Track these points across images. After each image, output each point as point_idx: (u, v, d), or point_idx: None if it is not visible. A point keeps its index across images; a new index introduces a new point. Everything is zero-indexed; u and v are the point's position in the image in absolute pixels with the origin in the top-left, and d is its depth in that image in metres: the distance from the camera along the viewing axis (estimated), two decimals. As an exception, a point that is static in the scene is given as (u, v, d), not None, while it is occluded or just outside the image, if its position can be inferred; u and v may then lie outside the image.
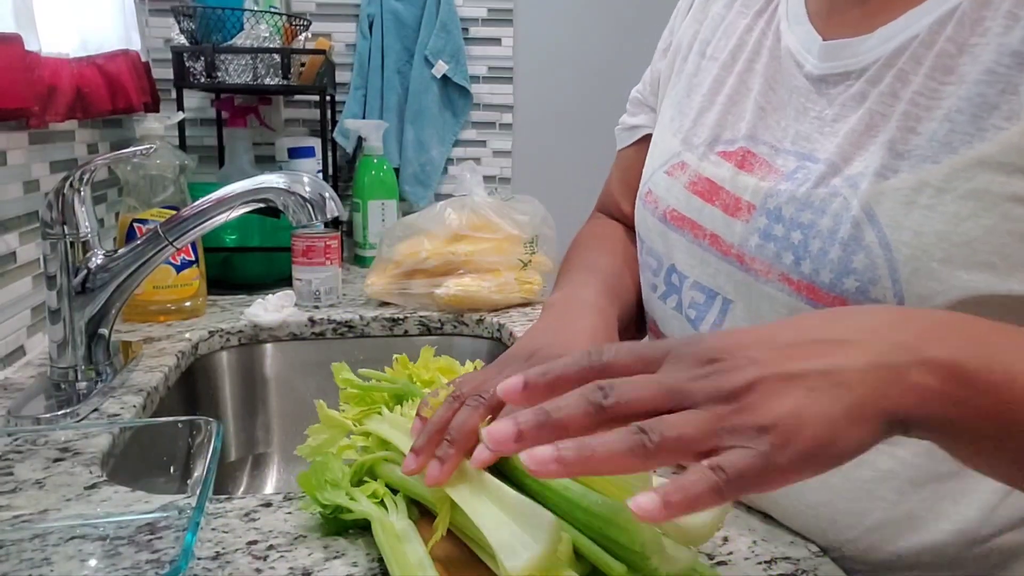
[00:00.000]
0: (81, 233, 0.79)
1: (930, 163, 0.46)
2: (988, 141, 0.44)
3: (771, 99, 0.58)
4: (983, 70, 0.45)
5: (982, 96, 0.45)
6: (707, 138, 0.61)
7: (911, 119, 0.48)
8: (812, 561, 0.52)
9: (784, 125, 0.56)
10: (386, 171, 1.46)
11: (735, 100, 0.60)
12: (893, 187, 0.47)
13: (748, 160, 0.57)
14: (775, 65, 0.58)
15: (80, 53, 1.03)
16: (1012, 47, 0.44)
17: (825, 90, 0.54)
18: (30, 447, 0.68)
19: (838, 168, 0.51)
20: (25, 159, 0.94)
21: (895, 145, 0.48)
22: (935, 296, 0.45)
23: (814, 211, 0.51)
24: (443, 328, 1.13)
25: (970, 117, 0.45)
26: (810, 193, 0.51)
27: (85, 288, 0.80)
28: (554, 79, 1.74)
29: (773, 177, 0.55)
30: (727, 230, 0.57)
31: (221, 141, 1.52)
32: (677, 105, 0.66)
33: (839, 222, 0.49)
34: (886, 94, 0.50)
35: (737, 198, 0.56)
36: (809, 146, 0.54)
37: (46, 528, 0.55)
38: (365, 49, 1.63)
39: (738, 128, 0.59)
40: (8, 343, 0.88)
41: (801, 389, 0.34)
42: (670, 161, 0.64)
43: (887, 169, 0.48)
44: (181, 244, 0.81)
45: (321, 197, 0.77)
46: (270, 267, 1.27)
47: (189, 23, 1.30)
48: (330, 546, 0.53)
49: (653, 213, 0.64)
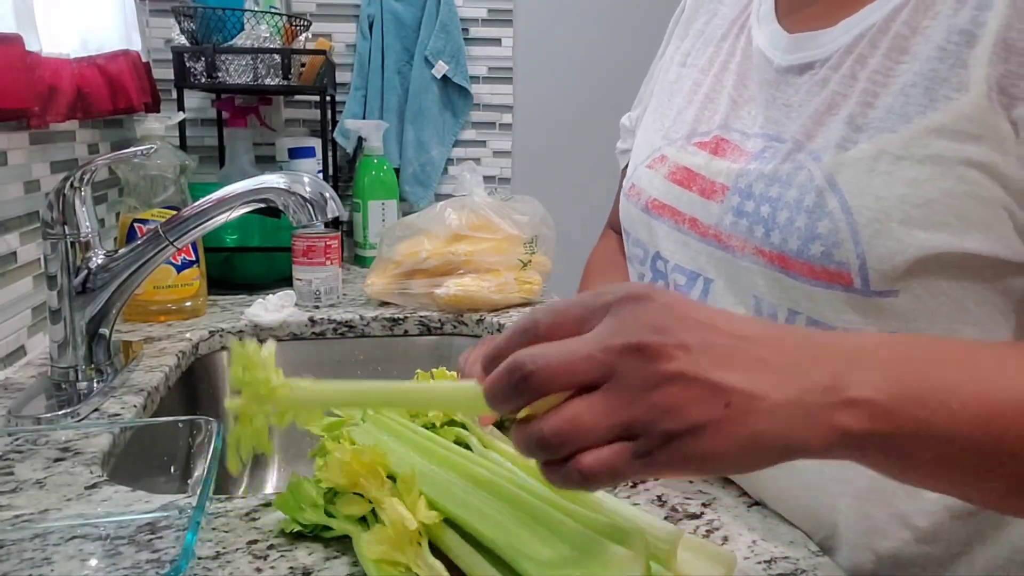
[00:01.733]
0: (82, 233, 0.79)
1: (887, 133, 0.49)
2: (940, 111, 0.47)
3: (743, 93, 0.62)
4: (934, 47, 0.49)
5: (934, 71, 0.48)
6: (685, 132, 0.65)
7: (868, 95, 0.51)
8: (812, 561, 0.52)
9: (755, 114, 0.60)
10: (386, 171, 1.46)
11: (711, 97, 0.65)
12: (853, 157, 0.50)
13: (721, 146, 0.61)
14: (747, 63, 0.63)
15: (80, 53, 1.03)
16: (960, 26, 0.48)
17: (792, 79, 0.58)
18: (30, 447, 0.68)
19: (802, 144, 0.54)
20: (26, 159, 0.94)
21: (854, 119, 0.51)
22: (895, 255, 0.48)
23: (781, 184, 0.54)
24: (443, 328, 1.13)
25: (923, 90, 0.48)
26: (777, 168, 0.55)
27: (86, 288, 0.80)
28: (554, 79, 1.74)
29: (744, 159, 0.58)
30: (704, 212, 0.60)
31: (221, 141, 1.52)
32: (659, 109, 0.71)
33: (804, 192, 0.52)
34: (846, 76, 0.53)
35: (712, 182, 0.60)
36: (777, 129, 0.57)
37: (46, 528, 0.55)
38: (365, 49, 1.63)
39: (713, 121, 0.63)
40: (9, 343, 0.88)
41: (718, 402, 0.35)
42: (651, 155, 0.68)
43: (847, 141, 0.51)
44: (181, 244, 0.81)
45: (321, 197, 0.77)
46: (270, 267, 1.28)
47: (189, 23, 1.30)
48: (330, 546, 0.53)
49: (636, 205, 0.68)
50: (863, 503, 0.54)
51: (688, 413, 0.35)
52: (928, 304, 0.49)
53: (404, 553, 0.46)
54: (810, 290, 0.52)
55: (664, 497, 0.60)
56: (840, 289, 0.50)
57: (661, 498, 0.60)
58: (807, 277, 0.52)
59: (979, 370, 0.39)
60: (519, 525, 0.45)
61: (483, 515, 0.46)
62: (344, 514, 0.51)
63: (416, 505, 0.47)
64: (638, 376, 0.36)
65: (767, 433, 0.36)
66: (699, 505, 0.59)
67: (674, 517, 0.57)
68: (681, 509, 0.58)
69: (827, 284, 0.51)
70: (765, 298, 0.56)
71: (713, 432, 0.35)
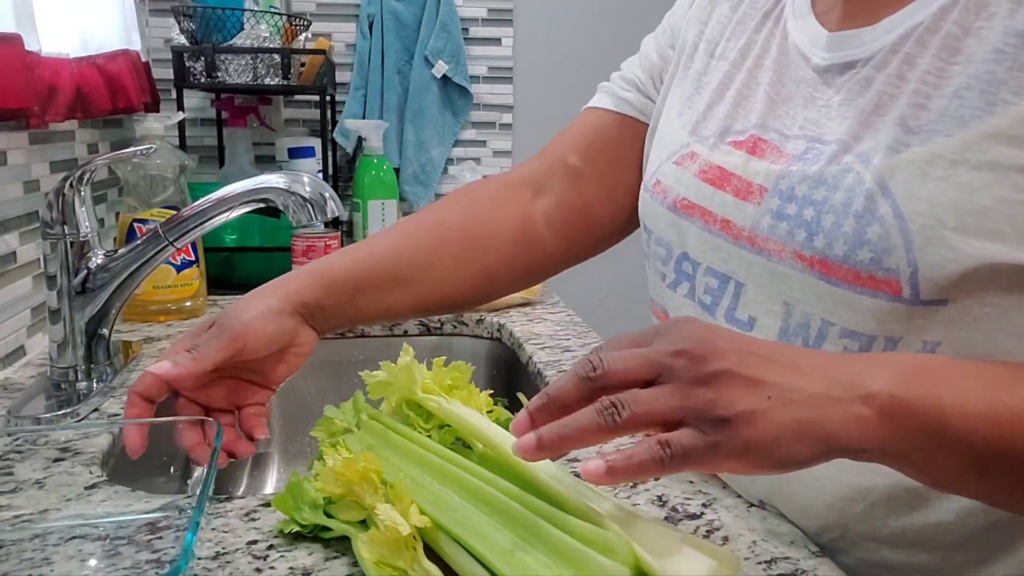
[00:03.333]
0: (81, 233, 0.79)
1: (942, 136, 0.48)
2: (999, 115, 0.46)
3: (780, 91, 0.60)
4: (991, 49, 0.47)
5: (991, 73, 0.47)
6: (717, 129, 0.62)
7: (921, 96, 0.49)
8: (812, 561, 0.52)
9: (793, 114, 0.58)
10: (386, 171, 1.46)
11: (745, 95, 0.62)
12: (906, 160, 0.49)
13: (759, 147, 0.59)
14: (783, 60, 0.60)
15: (80, 53, 1.03)
16: (1017, 28, 0.46)
17: (832, 79, 0.56)
18: (30, 447, 0.68)
19: (849, 146, 0.52)
20: (25, 159, 0.94)
21: (906, 121, 0.50)
22: (948, 264, 0.47)
23: (827, 187, 0.52)
24: (443, 328, 1.13)
25: (979, 93, 0.47)
26: (822, 171, 0.53)
27: (85, 288, 0.80)
28: (554, 79, 1.74)
29: (784, 160, 0.56)
30: (739, 214, 0.58)
31: (221, 141, 1.52)
32: (686, 101, 0.67)
33: (852, 196, 0.50)
34: (893, 76, 0.51)
35: (748, 182, 0.58)
36: (818, 130, 0.55)
37: (46, 528, 0.55)
38: (365, 49, 1.63)
39: (748, 119, 0.61)
40: (8, 343, 0.88)
41: (761, 394, 0.40)
42: (679, 152, 0.64)
43: (899, 143, 0.49)
44: (181, 244, 0.81)
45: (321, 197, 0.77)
46: (270, 267, 1.27)
47: (189, 23, 1.30)
48: (330, 546, 0.53)
49: (662, 203, 0.65)
50: (876, 511, 0.53)
51: (736, 403, 0.39)
52: (975, 314, 0.48)
53: (401, 557, 0.46)
54: (852, 298, 0.50)
55: (664, 497, 0.60)
56: (886, 298, 0.49)
57: (661, 498, 0.60)
58: (851, 284, 0.50)
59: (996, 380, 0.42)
60: (505, 538, 0.45)
61: (469, 527, 0.47)
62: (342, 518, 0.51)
63: (408, 511, 0.47)
64: (688, 374, 0.40)
65: (806, 421, 0.40)
66: (699, 505, 0.59)
67: (674, 517, 0.57)
68: (681, 509, 0.58)
69: (873, 292, 0.49)
70: (798, 305, 0.53)
71: (761, 419, 0.39)
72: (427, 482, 0.51)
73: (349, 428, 0.59)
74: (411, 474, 0.52)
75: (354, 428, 0.59)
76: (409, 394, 0.57)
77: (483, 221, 0.74)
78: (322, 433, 0.60)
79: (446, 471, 0.51)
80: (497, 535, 0.45)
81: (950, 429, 0.40)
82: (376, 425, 0.58)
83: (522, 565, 0.43)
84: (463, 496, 0.49)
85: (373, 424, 0.58)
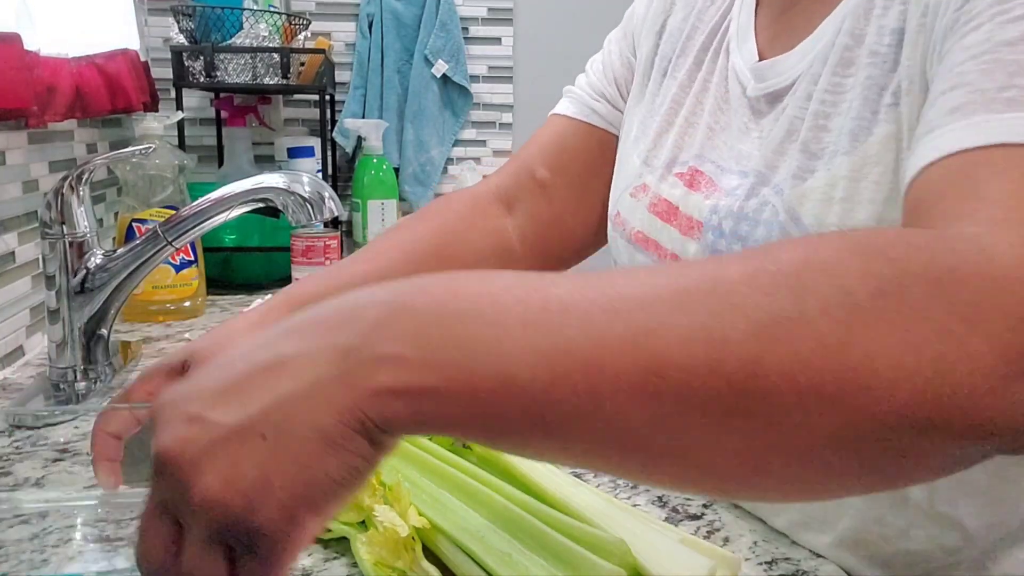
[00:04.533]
0: (80, 233, 0.79)
1: (841, 155, 0.46)
2: (884, 121, 0.45)
3: (719, 119, 0.59)
4: (868, 53, 0.46)
5: (871, 79, 0.45)
6: (666, 160, 0.62)
7: (820, 117, 0.48)
8: (812, 562, 0.52)
9: (730, 145, 0.57)
10: (386, 171, 1.46)
11: (691, 121, 0.61)
12: (811, 187, 0.48)
13: (696, 179, 0.58)
14: (724, 86, 0.59)
15: (79, 53, 1.03)
16: (890, 26, 0.45)
17: (762, 109, 0.55)
18: (29, 447, 0.67)
19: (766, 178, 0.51)
20: (24, 159, 0.94)
21: (808, 146, 0.49)
22: None
23: (749, 223, 0.52)
24: (443, 328, 1.13)
25: (864, 101, 0.46)
26: (743, 205, 0.52)
27: (84, 288, 0.80)
28: (554, 79, 1.73)
29: (716, 195, 0.56)
30: (683, 250, 0.58)
31: (220, 141, 1.51)
32: (641, 124, 0.66)
33: (771, 229, 0.50)
34: (801, 98, 0.50)
35: (689, 217, 0.57)
36: (746, 163, 0.54)
37: (44, 528, 0.55)
38: (365, 48, 1.63)
39: (691, 150, 0.60)
40: (7, 343, 0.88)
41: (255, 444, 0.28)
42: (633, 183, 0.64)
43: (803, 171, 0.49)
44: (180, 244, 0.81)
45: (321, 197, 0.77)
46: (270, 267, 1.27)
47: (188, 23, 1.30)
48: (330, 546, 0.53)
49: (622, 235, 0.65)
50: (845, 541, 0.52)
51: (227, 493, 0.28)
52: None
53: (400, 558, 0.46)
54: None
55: (664, 498, 0.60)
56: None
57: (662, 499, 0.60)
58: None
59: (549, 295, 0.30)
60: (502, 540, 0.45)
61: (467, 529, 0.47)
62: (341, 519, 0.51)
63: (407, 512, 0.47)
64: (186, 506, 0.29)
65: (321, 427, 0.28)
66: (700, 506, 0.59)
67: (675, 518, 0.57)
68: (682, 510, 0.58)
69: None
70: None
71: (276, 476, 0.28)
72: (425, 484, 0.51)
73: None
74: (409, 476, 0.52)
75: None
76: None
77: (456, 240, 0.72)
78: None
79: (444, 473, 0.51)
80: (494, 537, 0.45)
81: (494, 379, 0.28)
82: None
83: (519, 567, 0.43)
84: (461, 498, 0.49)
85: None
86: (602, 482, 0.62)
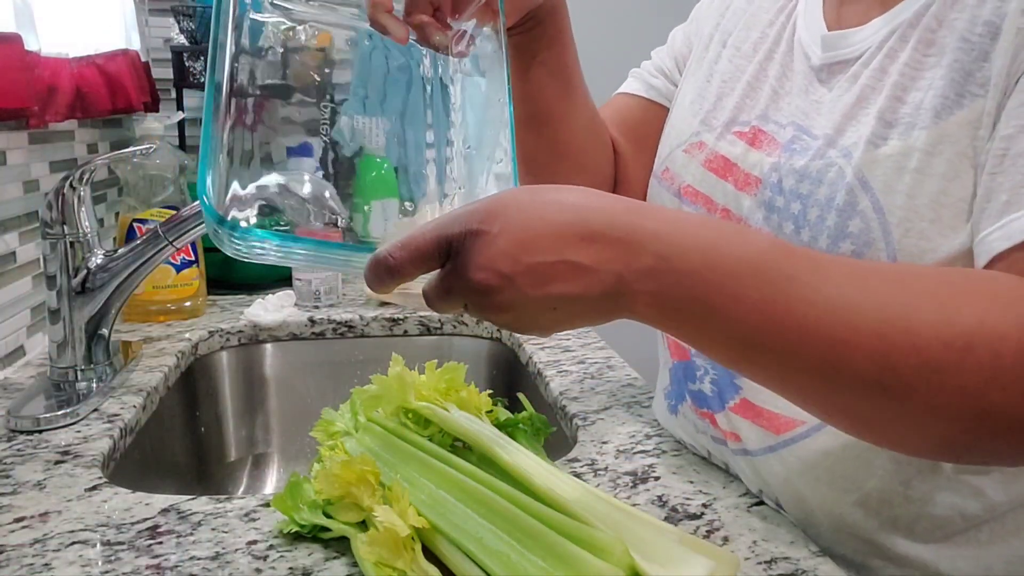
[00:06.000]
0: (81, 233, 0.79)
1: (918, 129, 0.49)
2: (966, 108, 0.47)
3: (784, 85, 0.61)
4: (958, 38, 0.48)
5: (959, 63, 0.48)
6: (725, 119, 0.64)
7: (898, 89, 0.51)
8: (812, 561, 0.52)
9: (795, 106, 0.59)
10: (386, 171, 1.46)
11: (754, 86, 0.64)
12: (884, 154, 0.50)
13: (758, 138, 0.60)
14: (790, 55, 0.62)
15: (80, 53, 1.03)
16: (984, 17, 0.47)
17: (826, 79, 0.57)
18: (31, 450, 0.68)
19: (833, 141, 0.53)
20: (25, 159, 0.94)
21: (884, 115, 0.51)
22: (925, 255, 0.48)
23: (812, 182, 0.53)
24: (443, 328, 1.13)
25: (949, 83, 0.48)
26: (808, 165, 0.54)
27: (85, 288, 0.80)
28: (554, 78, 1.74)
29: (778, 152, 0.58)
30: (737, 204, 0.60)
31: (221, 141, 1.51)
32: (697, 90, 0.69)
33: (835, 190, 0.52)
34: (876, 70, 0.52)
35: (747, 174, 0.60)
36: (807, 121, 0.57)
37: (46, 532, 0.55)
38: (366, 47, 1.63)
39: (754, 111, 0.62)
40: (8, 343, 0.88)
41: (547, 313, 0.42)
42: (688, 140, 0.66)
43: (878, 137, 0.50)
44: (181, 244, 0.81)
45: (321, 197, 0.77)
46: (269, 267, 1.27)
47: (189, 23, 1.30)
48: (330, 546, 0.53)
49: (669, 189, 0.67)
50: (870, 500, 0.53)
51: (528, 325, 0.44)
52: None
53: (400, 558, 0.46)
54: None
55: (664, 497, 0.60)
56: None
57: (662, 498, 0.60)
58: None
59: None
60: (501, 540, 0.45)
61: (466, 530, 0.47)
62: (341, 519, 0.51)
63: (406, 512, 0.48)
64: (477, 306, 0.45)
65: (591, 320, 0.44)
66: (699, 505, 0.59)
67: (674, 517, 0.57)
68: (681, 509, 0.58)
69: None
70: None
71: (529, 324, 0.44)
72: (424, 484, 0.51)
73: (347, 431, 0.59)
74: (408, 476, 0.52)
75: (352, 431, 0.59)
76: (404, 403, 0.57)
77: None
78: (321, 434, 0.60)
79: (443, 473, 0.51)
80: (493, 537, 0.46)
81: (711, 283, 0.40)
82: (374, 427, 0.58)
83: (518, 567, 0.44)
84: (460, 498, 0.49)
85: (371, 426, 0.58)
86: (602, 482, 0.62)
